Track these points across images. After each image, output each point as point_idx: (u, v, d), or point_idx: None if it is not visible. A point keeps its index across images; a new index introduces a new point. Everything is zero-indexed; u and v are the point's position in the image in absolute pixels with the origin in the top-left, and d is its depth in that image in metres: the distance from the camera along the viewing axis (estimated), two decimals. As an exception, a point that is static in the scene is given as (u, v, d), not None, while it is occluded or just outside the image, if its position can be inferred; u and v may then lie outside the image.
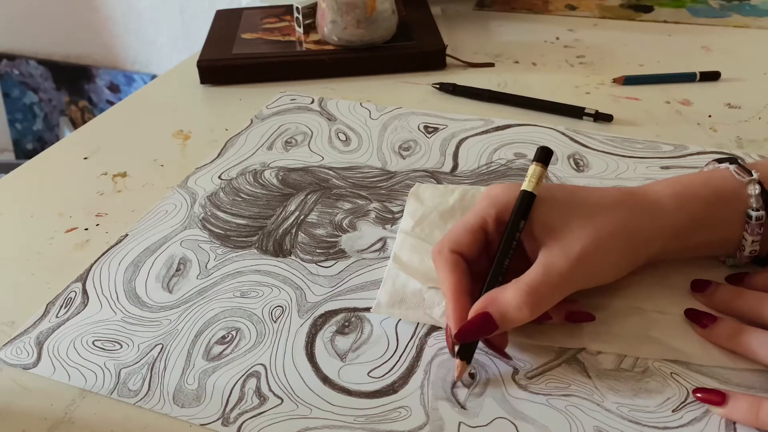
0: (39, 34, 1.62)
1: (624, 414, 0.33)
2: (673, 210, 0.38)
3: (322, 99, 0.65)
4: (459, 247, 0.38)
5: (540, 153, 0.39)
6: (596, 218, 0.37)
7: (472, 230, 0.38)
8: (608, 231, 0.36)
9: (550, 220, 0.37)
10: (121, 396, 0.35)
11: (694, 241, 0.39)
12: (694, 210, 0.38)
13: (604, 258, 0.37)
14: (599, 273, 0.37)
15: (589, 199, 0.38)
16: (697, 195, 0.39)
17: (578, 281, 0.36)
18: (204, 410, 0.35)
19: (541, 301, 0.35)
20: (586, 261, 0.35)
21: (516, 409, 0.34)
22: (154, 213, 0.50)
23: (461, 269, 0.37)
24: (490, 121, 0.60)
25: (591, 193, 0.39)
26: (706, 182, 0.39)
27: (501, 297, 0.35)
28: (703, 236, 0.39)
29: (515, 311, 0.35)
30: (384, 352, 0.37)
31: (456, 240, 0.38)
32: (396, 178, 0.53)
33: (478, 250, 0.38)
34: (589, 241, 0.36)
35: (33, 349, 0.39)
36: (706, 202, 0.38)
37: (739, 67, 0.68)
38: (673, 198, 0.39)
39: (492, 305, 0.35)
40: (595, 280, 0.38)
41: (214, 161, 0.56)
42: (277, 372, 0.37)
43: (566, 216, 0.37)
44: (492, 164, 0.54)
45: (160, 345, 0.38)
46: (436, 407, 0.34)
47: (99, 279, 0.44)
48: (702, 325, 0.37)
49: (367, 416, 0.34)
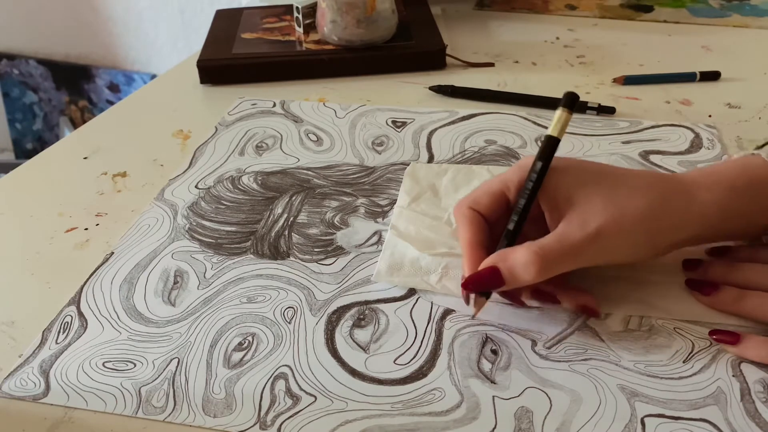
0: (39, 34, 1.59)
1: (641, 370, 0.36)
2: (708, 199, 0.38)
3: (284, 102, 0.65)
4: (477, 206, 0.39)
5: (566, 98, 0.38)
6: (622, 197, 0.37)
7: (493, 193, 0.39)
8: (632, 213, 0.36)
9: (575, 193, 0.37)
10: (147, 414, 0.34)
11: (726, 230, 0.39)
12: (729, 199, 0.38)
13: (624, 238, 0.37)
14: (615, 252, 0.37)
15: (620, 179, 0.38)
16: (732, 184, 0.38)
17: (592, 256, 0.37)
18: (238, 417, 0.34)
19: (550, 265, 0.36)
20: (603, 237, 0.36)
21: (542, 377, 0.36)
22: (136, 228, 0.48)
23: (477, 224, 0.39)
24: (455, 112, 0.61)
25: (624, 174, 0.39)
26: (742, 171, 0.39)
27: (511, 254, 0.36)
28: (736, 224, 0.39)
29: (522, 270, 0.35)
30: (405, 340, 0.38)
31: (475, 199, 0.39)
32: (377, 172, 0.53)
33: (497, 212, 0.39)
34: (609, 218, 0.36)
35: (39, 379, 0.37)
36: (741, 191, 0.38)
37: (739, 67, 0.68)
38: (709, 187, 0.38)
39: (502, 261, 0.36)
40: (611, 258, 0.38)
41: (187, 171, 0.55)
42: (303, 371, 0.36)
43: (592, 190, 0.37)
44: (466, 152, 0.55)
45: (176, 359, 0.37)
46: (467, 385, 0.35)
47: (93, 300, 0.42)
48: (705, 293, 0.39)
49: (404, 402, 0.35)
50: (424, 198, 0.48)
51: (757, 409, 0.33)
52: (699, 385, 0.35)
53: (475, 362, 0.37)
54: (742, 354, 0.35)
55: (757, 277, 0.38)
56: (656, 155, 0.54)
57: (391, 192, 0.51)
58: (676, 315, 0.39)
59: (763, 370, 0.35)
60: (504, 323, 0.39)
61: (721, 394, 0.34)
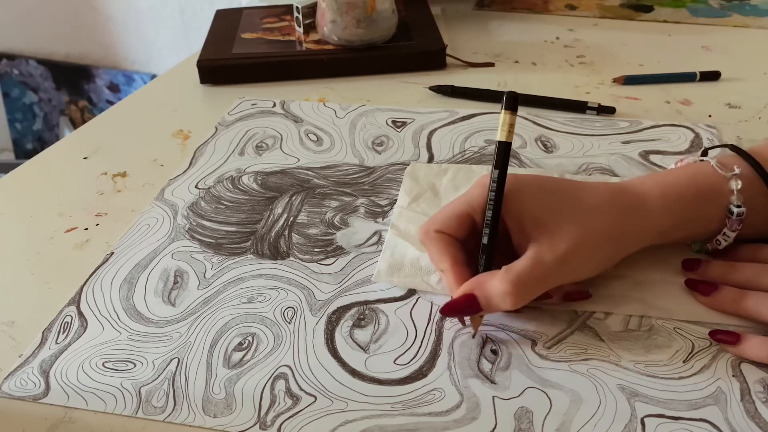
0: (39, 34, 1.60)
1: (641, 370, 0.36)
2: (660, 211, 0.39)
3: (284, 102, 0.65)
4: (446, 229, 0.39)
5: (507, 100, 0.38)
6: (586, 218, 0.38)
7: (459, 215, 0.39)
8: (596, 232, 0.37)
9: (541, 215, 0.38)
10: (147, 414, 0.34)
11: (676, 237, 0.41)
12: (680, 210, 0.39)
13: (590, 257, 0.38)
14: (583, 270, 0.38)
15: (581, 198, 0.39)
16: (682, 194, 0.39)
17: (560, 277, 0.37)
18: (238, 417, 0.34)
19: (526, 293, 0.36)
20: (572, 259, 0.36)
21: (542, 377, 0.36)
22: (136, 228, 0.48)
23: (452, 243, 0.39)
24: (455, 112, 0.61)
25: (582, 190, 0.39)
26: (691, 180, 0.40)
27: (488, 283, 0.36)
28: (687, 232, 0.41)
29: (499, 299, 0.36)
30: (405, 340, 0.38)
31: (442, 222, 0.39)
32: (377, 172, 0.53)
33: (465, 233, 0.39)
34: (577, 240, 0.37)
35: (39, 379, 0.37)
36: (690, 200, 0.39)
37: (739, 67, 0.68)
38: (660, 198, 0.39)
39: (479, 289, 0.36)
40: (576, 276, 0.39)
41: (187, 171, 0.55)
42: (303, 371, 0.36)
43: (557, 212, 0.38)
44: (466, 152, 0.55)
45: (176, 359, 0.37)
46: (467, 385, 0.35)
47: (93, 300, 0.42)
48: (704, 293, 0.39)
49: (403, 402, 0.35)
50: (424, 198, 0.48)
51: (757, 409, 0.33)
52: (699, 385, 0.35)
53: (475, 362, 0.37)
54: (742, 354, 0.35)
55: (757, 277, 0.38)
56: (656, 155, 0.54)
57: (391, 192, 0.51)
58: (676, 315, 0.39)
59: (763, 370, 0.35)
60: (504, 323, 0.39)
61: (721, 394, 0.34)
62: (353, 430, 0.33)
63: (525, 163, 0.53)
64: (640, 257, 0.41)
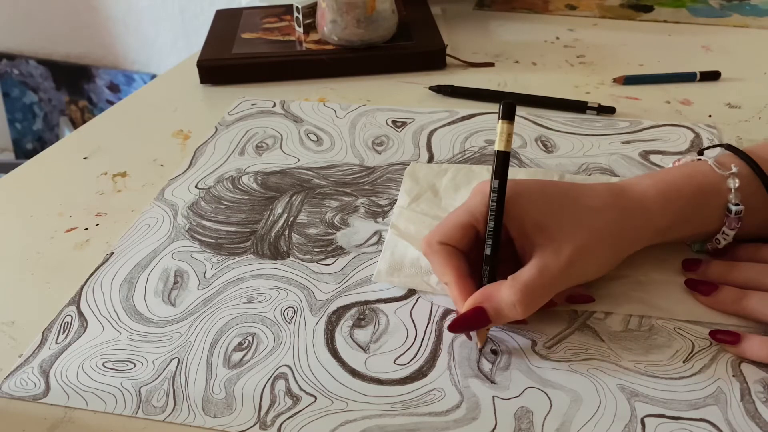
0: (39, 34, 1.60)
1: (641, 370, 0.36)
2: (659, 211, 0.39)
3: (284, 102, 0.65)
4: (449, 240, 0.38)
5: (504, 109, 0.38)
6: (587, 221, 0.38)
7: (462, 225, 0.39)
8: (597, 234, 0.38)
9: (543, 220, 0.37)
10: (147, 414, 0.34)
11: (675, 236, 0.41)
12: (678, 208, 0.39)
13: (593, 259, 0.38)
14: (588, 272, 0.38)
15: (581, 200, 0.39)
16: (680, 194, 0.40)
17: (568, 281, 0.37)
18: (238, 417, 0.34)
19: (535, 300, 0.36)
20: (576, 262, 0.37)
21: (542, 377, 0.36)
22: (136, 228, 0.48)
23: (456, 256, 0.38)
24: (455, 112, 0.61)
25: (582, 192, 0.40)
26: (689, 179, 0.40)
27: (497, 294, 0.36)
28: (685, 231, 0.41)
29: (509, 309, 0.36)
30: (405, 340, 0.38)
31: (445, 234, 0.39)
32: (377, 172, 0.53)
33: (468, 244, 0.39)
34: (580, 242, 0.37)
35: (39, 379, 0.37)
36: (689, 199, 0.39)
37: (739, 67, 0.68)
38: (659, 197, 0.39)
39: (487, 301, 0.36)
40: (579, 280, 0.39)
41: (187, 171, 0.55)
42: (303, 371, 0.36)
43: (559, 216, 0.38)
44: (466, 152, 0.55)
45: (176, 359, 0.37)
46: (467, 385, 0.35)
47: (93, 300, 0.42)
48: (704, 293, 0.39)
49: (403, 402, 0.35)
50: (424, 198, 0.48)
51: (757, 409, 0.33)
52: (699, 385, 0.35)
53: (475, 362, 0.37)
54: (742, 354, 0.35)
55: (757, 277, 0.38)
56: (656, 155, 0.54)
57: (391, 192, 0.51)
58: (677, 315, 0.39)
59: (763, 370, 0.35)
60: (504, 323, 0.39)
61: (721, 394, 0.34)
62: (353, 430, 0.33)
63: (525, 163, 0.53)
64: (640, 257, 0.41)
